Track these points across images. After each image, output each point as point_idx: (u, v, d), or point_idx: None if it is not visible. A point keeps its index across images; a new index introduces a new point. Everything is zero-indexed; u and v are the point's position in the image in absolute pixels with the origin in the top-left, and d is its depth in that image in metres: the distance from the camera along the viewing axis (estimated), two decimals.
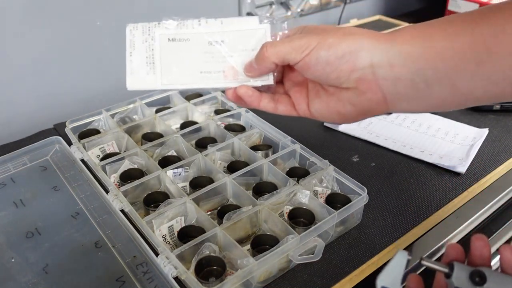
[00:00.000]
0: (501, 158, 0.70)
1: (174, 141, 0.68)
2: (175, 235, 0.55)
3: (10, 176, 0.65)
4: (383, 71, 0.39)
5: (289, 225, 0.53)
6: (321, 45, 0.40)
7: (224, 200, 0.61)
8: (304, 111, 0.47)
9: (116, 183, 0.63)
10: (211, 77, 0.48)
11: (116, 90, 0.88)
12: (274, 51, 0.43)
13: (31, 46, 0.75)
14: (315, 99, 0.46)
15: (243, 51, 0.48)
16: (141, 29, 0.49)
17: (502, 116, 0.80)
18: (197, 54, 0.48)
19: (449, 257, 0.36)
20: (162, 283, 0.49)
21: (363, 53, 0.39)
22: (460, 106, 0.40)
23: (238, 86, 0.47)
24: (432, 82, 0.37)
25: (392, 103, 0.41)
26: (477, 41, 0.35)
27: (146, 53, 0.49)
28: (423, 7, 1.37)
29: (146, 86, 0.49)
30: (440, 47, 0.36)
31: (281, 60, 0.43)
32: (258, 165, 0.62)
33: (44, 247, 0.54)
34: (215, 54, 0.48)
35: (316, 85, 0.46)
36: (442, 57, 0.36)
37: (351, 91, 0.42)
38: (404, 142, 0.74)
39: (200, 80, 0.48)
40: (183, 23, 0.49)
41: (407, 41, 0.38)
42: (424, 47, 0.37)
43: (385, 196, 0.63)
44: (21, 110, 0.79)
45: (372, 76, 0.40)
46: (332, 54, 0.40)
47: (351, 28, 0.42)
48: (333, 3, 1.16)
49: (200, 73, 0.48)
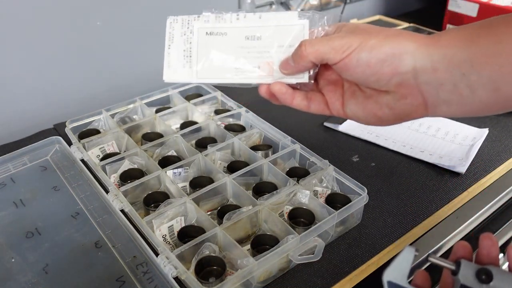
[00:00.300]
0: (501, 158, 0.70)
1: (174, 141, 0.68)
2: (175, 235, 0.55)
3: (10, 176, 0.65)
4: (426, 76, 0.38)
5: (289, 225, 0.53)
6: (363, 46, 0.39)
7: (224, 200, 0.61)
8: (338, 110, 0.46)
9: (116, 183, 0.63)
10: (246, 72, 0.47)
11: (116, 90, 0.88)
12: (313, 50, 0.41)
13: (31, 46, 0.75)
14: (351, 100, 0.44)
15: (280, 48, 0.47)
16: (180, 22, 0.50)
17: (502, 116, 0.80)
18: (234, 48, 0.48)
19: (456, 254, 0.36)
20: (162, 283, 0.49)
21: (406, 57, 0.38)
22: (502, 110, 0.38)
23: (272, 82, 0.46)
24: (476, 87, 0.36)
25: (433, 108, 0.40)
26: None
27: (184, 46, 0.49)
28: (423, 7, 1.37)
29: (181, 79, 0.49)
30: (485, 52, 0.35)
31: (319, 59, 0.42)
32: (258, 165, 0.62)
33: (44, 247, 0.54)
34: (251, 49, 0.48)
35: (352, 85, 0.45)
36: (488, 61, 0.35)
37: (391, 95, 0.41)
38: (404, 142, 0.74)
39: (235, 75, 0.47)
40: (222, 17, 0.49)
41: (452, 44, 0.37)
42: (469, 52, 0.36)
43: (385, 196, 0.63)
44: (21, 110, 0.79)
45: (414, 81, 0.39)
46: (373, 57, 0.39)
47: (394, 30, 0.41)
48: (333, 3, 1.16)
49: (235, 68, 0.48)
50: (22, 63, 0.76)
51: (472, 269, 0.34)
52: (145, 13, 0.85)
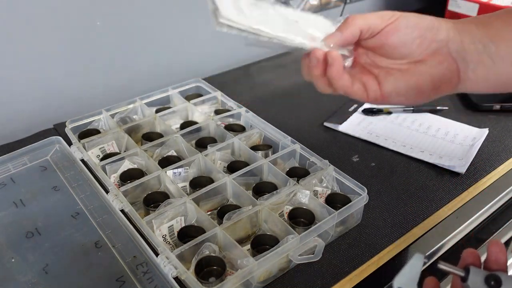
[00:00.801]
0: (501, 158, 0.70)
1: (174, 141, 0.68)
2: (175, 235, 0.55)
3: (10, 176, 0.65)
4: (455, 45, 0.44)
5: (289, 225, 0.53)
6: (407, 14, 0.45)
7: (224, 200, 0.61)
8: (376, 92, 0.47)
9: (116, 183, 0.63)
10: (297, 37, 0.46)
11: (116, 90, 0.88)
12: (361, 17, 0.45)
13: (31, 46, 0.75)
14: (389, 78, 0.47)
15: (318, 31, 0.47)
16: None
17: (502, 116, 0.80)
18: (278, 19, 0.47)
19: (465, 261, 0.37)
20: (162, 283, 0.49)
21: (442, 29, 0.45)
22: None
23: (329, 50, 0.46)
24: (496, 58, 0.43)
25: (464, 76, 0.45)
26: None
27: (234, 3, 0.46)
28: (423, 7, 1.36)
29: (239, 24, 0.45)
30: (498, 30, 0.43)
31: (367, 25, 0.45)
32: (258, 165, 0.62)
33: (44, 247, 0.54)
34: (292, 27, 0.47)
35: (384, 68, 0.47)
36: (502, 37, 0.43)
37: (428, 64, 0.45)
38: (404, 142, 0.74)
39: (287, 34, 0.46)
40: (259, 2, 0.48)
41: (473, 25, 0.44)
42: (487, 30, 0.44)
43: (385, 196, 0.63)
44: (21, 110, 0.79)
45: (447, 49, 0.45)
46: (420, 22, 0.44)
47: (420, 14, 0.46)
48: (333, 3, 1.16)
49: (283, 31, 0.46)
50: (22, 63, 0.76)
51: (481, 275, 0.35)
52: (145, 13, 0.85)
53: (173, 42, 0.92)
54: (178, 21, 0.91)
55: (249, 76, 0.97)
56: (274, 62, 1.02)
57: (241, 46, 1.04)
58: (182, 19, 0.91)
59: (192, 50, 0.96)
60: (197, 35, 0.95)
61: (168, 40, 0.91)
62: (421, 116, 0.80)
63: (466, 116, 0.80)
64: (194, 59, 0.97)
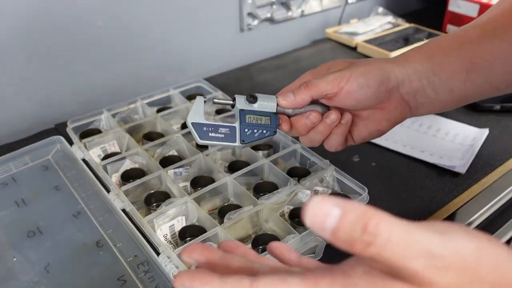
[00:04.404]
0: (501, 158, 0.70)
1: (175, 140, 0.68)
2: (176, 234, 0.55)
3: (12, 175, 0.65)
4: (405, 88, 0.47)
5: (289, 224, 0.54)
6: (355, 73, 0.45)
7: (225, 199, 0.61)
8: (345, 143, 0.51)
9: (117, 182, 0.63)
10: None
11: (117, 90, 0.88)
12: (314, 85, 0.46)
13: (32, 46, 0.75)
14: (353, 129, 0.50)
15: None
16: None
17: (502, 116, 0.80)
18: None
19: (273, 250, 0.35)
20: (163, 282, 0.49)
21: (392, 76, 0.46)
22: (456, 107, 0.49)
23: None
24: (438, 90, 0.47)
25: (414, 111, 0.49)
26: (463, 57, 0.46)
27: None
28: (423, 7, 1.37)
29: None
30: (440, 63, 0.46)
31: (320, 93, 0.46)
32: (259, 164, 0.62)
33: (45, 246, 0.55)
34: None
35: None
36: (443, 69, 0.46)
37: (385, 110, 0.48)
38: (404, 142, 0.74)
39: None
40: None
41: (418, 61, 0.47)
42: (431, 64, 0.46)
43: (386, 196, 0.63)
44: (22, 110, 0.79)
45: (399, 93, 0.47)
46: (370, 79, 0.45)
47: (368, 59, 0.48)
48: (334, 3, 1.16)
49: None
50: (23, 63, 0.76)
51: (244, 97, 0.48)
52: (147, 13, 0.86)
53: (174, 42, 0.93)
54: (179, 21, 0.91)
55: (250, 76, 0.97)
56: (275, 62, 1.02)
57: (241, 46, 1.04)
58: (183, 19, 0.91)
59: (193, 50, 0.96)
60: (197, 35, 0.95)
61: (169, 40, 0.92)
62: (421, 117, 0.80)
63: (467, 116, 0.80)
64: (195, 59, 0.98)
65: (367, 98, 0.46)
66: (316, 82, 0.46)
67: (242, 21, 1.00)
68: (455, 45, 0.47)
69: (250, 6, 0.99)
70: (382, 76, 0.46)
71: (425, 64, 0.46)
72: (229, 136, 0.46)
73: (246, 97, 0.47)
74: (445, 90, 0.47)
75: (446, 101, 0.48)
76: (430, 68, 0.46)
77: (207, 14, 0.94)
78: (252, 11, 1.00)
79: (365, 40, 1.05)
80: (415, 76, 0.46)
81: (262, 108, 0.47)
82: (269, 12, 1.03)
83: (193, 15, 0.92)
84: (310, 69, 0.51)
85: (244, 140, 0.47)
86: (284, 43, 1.10)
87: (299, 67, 1.00)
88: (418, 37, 1.10)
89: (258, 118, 0.47)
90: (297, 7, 1.09)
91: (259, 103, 0.47)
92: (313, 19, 1.15)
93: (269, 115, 0.48)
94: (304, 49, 1.09)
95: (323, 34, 1.14)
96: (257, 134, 0.47)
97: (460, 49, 0.46)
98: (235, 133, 0.47)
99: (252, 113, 0.47)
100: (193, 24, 0.93)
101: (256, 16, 1.01)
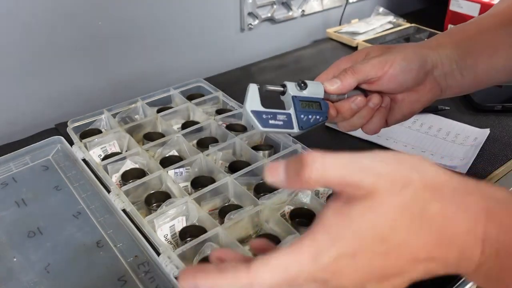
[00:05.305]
0: (502, 159, 0.70)
1: (175, 141, 0.68)
2: (177, 234, 0.55)
3: (12, 175, 0.65)
4: (438, 70, 0.50)
5: (290, 225, 0.53)
6: (398, 58, 0.48)
7: (225, 200, 0.61)
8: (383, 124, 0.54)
9: (118, 182, 0.63)
10: None
11: (117, 90, 0.88)
12: (360, 70, 0.47)
13: (32, 46, 0.75)
14: (388, 112, 0.52)
15: None
16: None
17: (503, 116, 0.80)
18: None
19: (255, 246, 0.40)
20: (163, 282, 0.49)
21: (428, 59, 0.49)
22: (481, 88, 0.54)
23: None
24: (464, 73, 0.51)
25: (444, 92, 0.52)
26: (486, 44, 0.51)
27: None
28: (424, 7, 1.36)
29: None
30: (466, 49, 0.51)
31: (365, 77, 0.48)
32: (260, 165, 0.62)
33: (45, 246, 0.55)
34: None
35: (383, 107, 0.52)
36: (469, 55, 0.50)
37: (420, 92, 0.51)
38: (405, 142, 0.74)
39: None
40: None
41: (447, 46, 0.51)
42: (458, 50, 0.50)
43: None
44: (22, 110, 0.79)
45: (433, 76, 0.51)
46: (411, 62, 0.48)
47: (405, 45, 0.51)
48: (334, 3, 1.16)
49: None
50: (23, 63, 0.76)
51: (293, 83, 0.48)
52: (147, 13, 0.86)
53: (174, 42, 0.92)
54: (179, 20, 0.91)
55: (250, 76, 0.97)
56: (275, 62, 1.02)
57: (242, 46, 1.04)
58: (184, 18, 0.91)
59: (194, 50, 0.96)
60: (198, 35, 0.95)
61: (169, 40, 0.92)
62: (422, 117, 0.80)
63: (468, 116, 0.80)
64: (195, 59, 0.98)
65: (407, 81, 0.49)
66: (361, 67, 0.48)
67: (242, 21, 1.00)
68: (477, 32, 0.52)
69: (251, 6, 0.98)
70: (421, 60, 0.49)
71: (453, 50, 0.50)
72: (287, 123, 0.46)
73: (296, 84, 0.48)
74: (471, 73, 0.51)
75: (471, 84, 0.52)
76: (458, 54, 0.50)
77: (207, 14, 0.94)
78: (253, 11, 1.00)
79: (366, 40, 1.05)
80: (446, 60, 0.50)
81: (311, 94, 0.48)
82: (269, 12, 1.03)
83: (193, 15, 0.92)
84: (310, 69, 0.51)
85: (302, 126, 0.47)
86: (285, 43, 1.10)
87: (299, 67, 1.00)
88: (419, 37, 1.09)
89: (309, 104, 0.48)
90: (297, 7, 1.08)
91: (309, 89, 0.48)
92: (313, 19, 1.14)
93: (319, 100, 0.48)
94: (304, 49, 1.09)
95: (323, 34, 1.14)
96: (312, 119, 0.48)
97: (482, 35, 0.51)
98: (291, 119, 0.46)
99: (304, 99, 0.47)
100: (194, 24, 0.93)
101: (256, 16, 1.01)
